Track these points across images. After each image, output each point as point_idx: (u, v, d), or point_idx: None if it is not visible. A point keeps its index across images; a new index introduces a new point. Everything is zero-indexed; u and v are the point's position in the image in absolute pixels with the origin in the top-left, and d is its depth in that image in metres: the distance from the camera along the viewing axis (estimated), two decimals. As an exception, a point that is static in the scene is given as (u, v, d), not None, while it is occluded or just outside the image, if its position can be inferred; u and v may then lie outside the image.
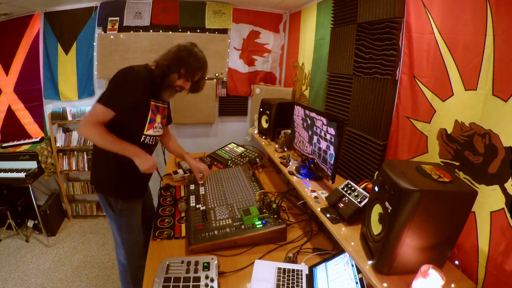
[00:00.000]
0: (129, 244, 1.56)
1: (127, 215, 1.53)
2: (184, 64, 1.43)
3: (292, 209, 1.81)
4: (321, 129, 1.59)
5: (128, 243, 1.56)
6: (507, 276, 0.93)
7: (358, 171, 1.76)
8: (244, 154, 2.50)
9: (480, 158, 1.04)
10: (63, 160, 3.03)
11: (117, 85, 1.34)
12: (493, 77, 0.99)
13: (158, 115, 1.54)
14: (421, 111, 1.32)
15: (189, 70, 1.45)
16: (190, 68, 1.44)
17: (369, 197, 1.19)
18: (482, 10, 1.02)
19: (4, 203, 2.74)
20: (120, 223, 1.52)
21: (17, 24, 2.76)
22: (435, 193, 0.85)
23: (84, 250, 2.73)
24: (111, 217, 1.53)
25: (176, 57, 1.42)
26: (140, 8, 2.86)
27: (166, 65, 1.41)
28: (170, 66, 1.42)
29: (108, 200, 1.49)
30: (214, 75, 3.14)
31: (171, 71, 1.42)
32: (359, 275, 1.08)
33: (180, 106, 3.14)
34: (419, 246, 0.92)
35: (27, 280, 2.33)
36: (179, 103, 3.13)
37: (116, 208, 1.49)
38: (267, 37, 3.25)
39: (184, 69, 1.44)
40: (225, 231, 1.44)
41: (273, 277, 1.23)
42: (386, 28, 1.49)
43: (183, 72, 1.44)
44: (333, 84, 2.06)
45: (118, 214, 1.50)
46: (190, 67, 1.44)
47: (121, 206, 1.50)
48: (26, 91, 2.92)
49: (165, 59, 1.43)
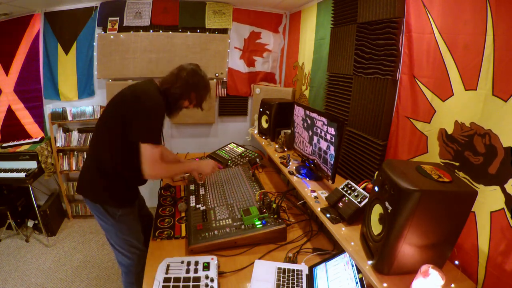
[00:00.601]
0: (132, 244, 1.55)
1: (127, 219, 1.52)
2: (195, 91, 1.55)
3: (292, 209, 1.81)
4: (321, 129, 1.59)
5: (131, 244, 1.54)
6: (507, 276, 0.93)
7: (358, 171, 1.76)
8: (244, 154, 2.50)
9: (480, 159, 1.04)
10: (63, 160, 3.03)
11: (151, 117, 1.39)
12: (493, 77, 0.99)
13: None
14: (421, 111, 1.32)
15: (199, 96, 1.58)
16: (201, 94, 1.58)
17: (369, 197, 1.19)
18: (482, 10, 1.02)
19: (4, 203, 2.74)
20: (120, 227, 1.51)
21: (17, 24, 2.76)
22: (435, 193, 0.85)
23: (84, 250, 2.73)
24: (109, 224, 1.49)
25: (187, 85, 1.51)
26: (140, 8, 2.86)
27: (179, 94, 1.51)
28: (183, 94, 1.52)
29: (106, 209, 1.46)
30: (214, 75, 3.14)
31: (183, 98, 1.54)
32: (359, 275, 1.08)
33: (180, 106, 3.14)
34: (419, 246, 0.92)
35: (27, 280, 2.33)
36: (179, 103, 3.13)
37: (116, 215, 1.47)
38: (267, 37, 3.25)
39: (195, 94, 1.56)
40: (225, 231, 1.44)
41: (273, 277, 1.23)
42: (386, 28, 1.49)
43: (194, 97, 1.57)
44: (333, 84, 2.06)
45: (118, 220, 1.48)
46: (200, 93, 1.57)
47: (121, 212, 1.48)
48: (26, 91, 2.91)
49: (176, 87, 1.50)
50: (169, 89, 1.50)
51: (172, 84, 1.50)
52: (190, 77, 1.51)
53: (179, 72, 1.53)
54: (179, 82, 1.50)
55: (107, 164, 1.43)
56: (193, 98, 1.57)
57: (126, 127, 1.36)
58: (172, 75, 1.53)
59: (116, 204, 1.48)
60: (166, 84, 1.51)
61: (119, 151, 1.42)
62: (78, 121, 2.97)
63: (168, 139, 3.34)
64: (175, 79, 1.51)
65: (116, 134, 1.39)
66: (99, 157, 1.46)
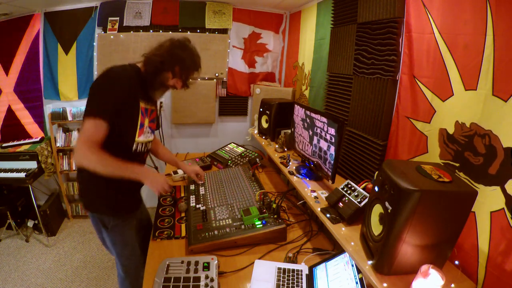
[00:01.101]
0: (126, 257, 1.49)
1: (120, 231, 1.43)
2: (179, 62, 1.30)
3: (292, 209, 1.80)
4: (321, 129, 1.59)
5: (124, 257, 1.48)
6: (507, 276, 0.93)
7: (358, 171, 1.76)
8: (244, 154, 2.50)
9: (481, 159, 1.04)
10: (63, 160, 3.03)
11: (100, 88, 1.19)
12: (493, 77, 0.99)
13: (146, 119, 1.39)
14: (421, 111, 1.32)
15: (185, 68, 1.33)
16: (186, 66, 1.33)
17: (369, 197, 1.19)
18: (482, 10, 1.02)
19: (4, 203, 2.74)
20: (114, 238, 1.43)
21: (17, 24, 2.76)
22: (435, 193, 0.85)
23: (84, 250, 2.73)
24: (104, 234, 1.43)
25: (170, 53, 1.28)
26: (140, 8, 2.86)
27: (159, 61, 1.27)
28: (164, 62, 1.28)
29: (101, 219, 1.38)
30: (214, 75, 3.14)
31: (165, 68, 1.30)
32: (359, 275, 1.08)
33: (180, 106, 3.14)
34: (419, 246, 0.92)
35: (27, 280, 2.33)
36: (179, 103, 3.13)
37: (109, 224, 1.39)
38: (268, 37, 3.25)
39: (179, 67, 1.32)
40: (225, 231, 1.44)
41: (273, 277, 1.23)
42: (386, 28, 1.49)
43: (178, 70, 1.32)
44: (333, 84, 2.06)
45: (111, 230, 1.40)
46: (185, 65, 1.32)
47: (114, 222, 1.39)
48: (26, 91, 2.92)
49: (157, 54, 1.28)
50: (149, 58, 1.28)
51: (153, 53, 1.30)
52: (174, 47, 1.29)
53: (163, 42, 1.32)
54: (162, 50, 1.29)
55: None
56: (177, 72, 1.32)
57: None
58: (158, 44, 1.33)
59: (109, 212, 1.38)
60: (146, 54, 1.31)
61: None
62: (78, 121, 2.96)
63: (168, 139, 3.35)
64: (158, 46, 1.31)
65: None
66: None
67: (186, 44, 1.34)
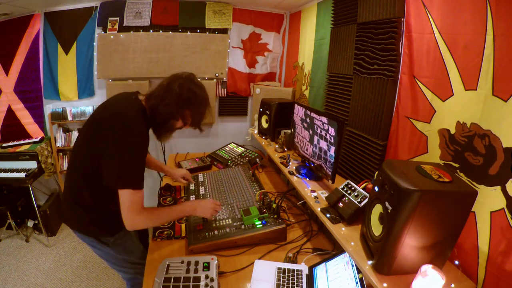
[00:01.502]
0: (131, 261, 1.48)
1: (122, 242, 1.39)
2: (189, 108, 1.24)
3: (292, 209, 1.81)
4: (321, 129, 1.59)
5: (130, 261, 1.47)
6: (507, 276, 0.93)
7: (358, 171, 1.76)
8: (244, 154, 2.50)
9: (481, 160, 1.04)
10: (63, 160, 3.03)
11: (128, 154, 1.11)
12: (493, 77, 0.99)
13: None
14: (421, 111, 1.32)
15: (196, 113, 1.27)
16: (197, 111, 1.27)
17: (369, 197, 1.19)
18: (482, 10, 1.02)
19: (4, 203, 2.74)
20: (117, 251, 1.39)
21: (17, 24, 2.76)
22: (435, 193, 0.85)
23: (84, 250, 2.72)
24: (104, 251, 1.37)
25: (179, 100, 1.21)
26: (140, 8, 2.86)
27: (169, 112, 1.21)
28: (173, 112, 1.22)
29: (99, 239, 1.33)
30: (214, 75, 3.14)
31: (174, 117, 1.24)
32: (359, 275, 1.08)
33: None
34: (419, 246, 0.92)
35: (27, 280, 2.33)
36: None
37: (110, 241, 1.34)
38: (269, 37, 3.25)
39: (190, 112, 1.26)
40: (225, 231, 1.44)
41: (273, 277, 1.23)
42: (386, 28, 1.49)
43: (188, 115, 1.26)
44: (333, 84, 2.06)
45: (112, 245, 1.35)
46: (197, 110, 1.26)
47: (115, 238, 1.35)
48: (26, 91, 2.91)
49: (166, 104, 1.20)
50: (156, 107, 1.20)
51: (160, 100, 1.21)
52: (183, 91, 1.21)
53: (170, 83, 1.23)
54: (169, 98, 1.20)
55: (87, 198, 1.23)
56: (187, 116, 1.27)
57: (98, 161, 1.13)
58: (162, 87, 1.24)
59: (108, 233, 1.33)
60: (153, 100, 1.22)
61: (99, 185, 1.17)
62: (78, 121, 2.97)
63: (168, 139, 3.34)
64: (164, 93, 1.21)
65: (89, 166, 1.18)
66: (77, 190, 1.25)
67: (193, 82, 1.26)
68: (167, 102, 1.20)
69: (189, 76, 1.28)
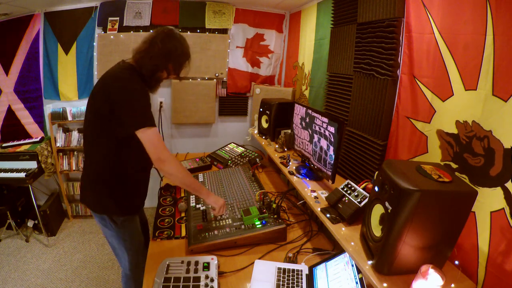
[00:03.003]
0: (134, 251, 1.51)
1: (129, 226, 1.47)
2: (172, 60, 1.37)
3: (292, 209, 1.81)
4: (321, 129, 1.59)
5: (132, 251, 1.50)
6: (507, 276, 0.93)
7: (358, 171, 1.76)
8: (244, 154, 2.50)
9: (481, 160, 1.04)
10: (63, 160, 3.03)
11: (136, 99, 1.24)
12: (493, 77, 0.99)
13: None
14: (421, 111, 1.32)
15: (178, 64, 1.40)
16: (179, 62, 1.40)
17: (369, 197, 1.19)
18: (482, 10, 1.02)
19: (4, 203, 2.74)
20: (123, 235, 1.46)
21: (17, 24, 2.76)
22: (435, 193, 0.85)
23: (84, 250, 2.73)
24: (112, 232, 1.45)
25: (162, 55, 1.33)
26: (140, 8, 2.86)
27: (155, 65, 1.34)
28: (158, 65, 1.35)
29: (111, 218, 1.41)
30: (214, 75, 3.14)
31: (159, 69, 1.37)
32: (359, 275, 1.08)
33: (180, 106, 3.14)
34: (419, 246, 0.92)
35: (27, 280, 2.33)
36: (179, 103, 3.13)
37: (119, 221, 1.42)
38: (270, 38, 3.25)
39: (173, 65, 1.39)
40: (225, 231, 1.44)
41: (273, 277, 1.23)
42: (386, 28, 1.49)
43: (171, 67, 1.39)
44: (333, 84, 2.06)
45: (120, 226, 1.43)
46: (178, 61, 1.39)
47: (123, 218, 1.44)
48: (26, 91, 2.91)
49: (150, 57, 1.32)
50: (142, 60, 1.33)
51: (145, 54, 1.33)
52: (165, 45, 1.32)
53: (152, 39, 1.33)
54: (153, 52, 1.32)
55: (103, 168, 1.35)
56: (171, 69, 1.40)
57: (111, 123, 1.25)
58: (145, 43, 1.35)
59: (120, 212, 1.42)
60: (138, 54, 1.34)
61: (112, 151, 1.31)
62: (78, 121, 2.97)
63: (168, 139, 3.34)
64: (148, 47, 1.33)
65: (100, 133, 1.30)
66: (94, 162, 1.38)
67: (173, 36, 1.36)
68: (151, 56, 1.32)
69: (170, 31, 1.38)
